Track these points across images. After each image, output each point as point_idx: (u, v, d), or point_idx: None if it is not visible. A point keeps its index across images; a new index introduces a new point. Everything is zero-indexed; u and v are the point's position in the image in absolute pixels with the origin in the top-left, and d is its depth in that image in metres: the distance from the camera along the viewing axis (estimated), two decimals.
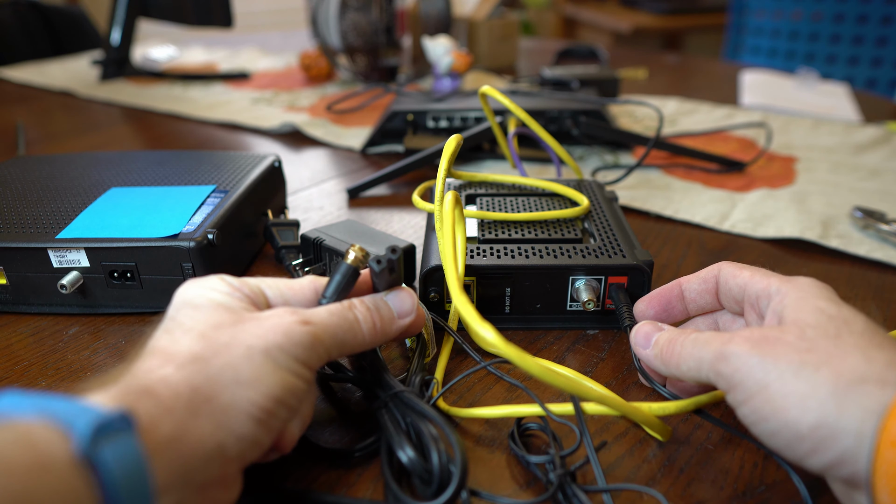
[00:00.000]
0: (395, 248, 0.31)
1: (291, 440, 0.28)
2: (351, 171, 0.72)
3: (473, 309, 0.28)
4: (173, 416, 0.23)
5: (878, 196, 0.63)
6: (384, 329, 0.31)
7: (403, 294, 0.33)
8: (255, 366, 0.26)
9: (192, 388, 0.24)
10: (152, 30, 1.32)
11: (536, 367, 0.26)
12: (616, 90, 0.93)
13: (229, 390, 0.24)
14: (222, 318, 0.27)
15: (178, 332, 0.27)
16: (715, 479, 0.30)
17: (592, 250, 0.41)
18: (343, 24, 1.04)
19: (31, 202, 0.47)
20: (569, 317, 0.42)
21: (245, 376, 0.25)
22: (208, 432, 0.23)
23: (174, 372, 0.24)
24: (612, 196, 0.51)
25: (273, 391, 0.26)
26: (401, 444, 0.28)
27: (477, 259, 0.40)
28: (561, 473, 0.28)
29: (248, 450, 0.25)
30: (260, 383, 0.25)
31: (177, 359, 0.25)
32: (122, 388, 0.23)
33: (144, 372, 0.24)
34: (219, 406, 0.24)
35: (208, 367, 0.25)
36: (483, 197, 0.49)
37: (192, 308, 0.28)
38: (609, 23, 2.38)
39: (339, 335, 0.29)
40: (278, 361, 0.26)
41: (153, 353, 0.25)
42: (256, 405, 0.25)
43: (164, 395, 0.23)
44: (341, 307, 0.30)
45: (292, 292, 0.31)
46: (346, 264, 0.31)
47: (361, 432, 0.33)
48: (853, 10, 1.59)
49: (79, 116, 0.97)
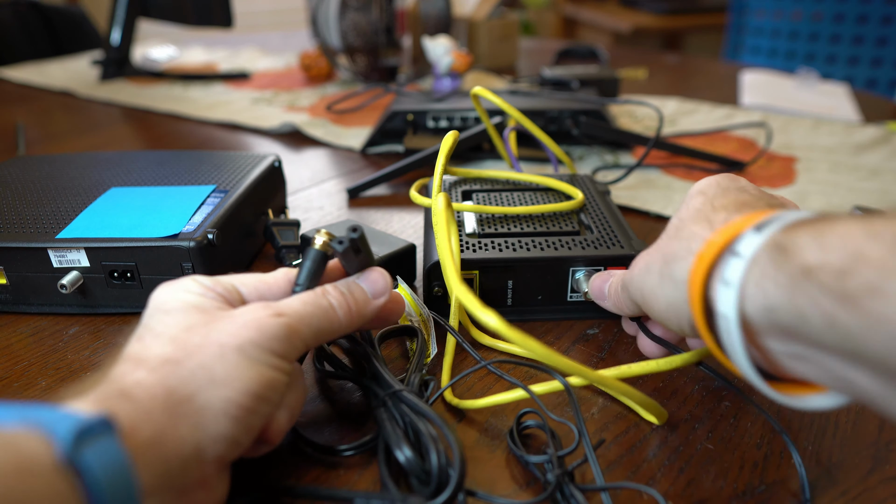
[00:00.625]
0: (356, 228, 0.30)
1: (279, 431, 0.28)
2: (351, 171, 0.72)
3: (475, 297, 0.28)
4: (151, 418, 0.23)
5: (878, 196, 0.63)
6: (360, 311, 0.31)
7: (375, 274, 0.32)
8: (229, 364, 0.25)
9: (167, 390, 0.24)
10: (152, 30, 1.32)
11: (539, 348, 0.26)
12: (616, 90, 0.93)
13: (204, 391, 0.24)
14: (194, 319, 0.27)
15: (149, 338, 0.26)
16: (715, 478, 0.30)
17: (591, 242, 0.42)
18: (343, 24, 1.04)
19: (31, 202, 0.47)
20: (569, 307, 0.43)
21: (219, 375, 0.25)
22: (186, 434, 0.23)
23: (147, 375, 0.24)
24: (604, 190, 0.52)
25: (250, 387, 0.25)
26: (399, 444, 0.28)
27: (479, 253, 0.41)
28: (559, 473, 0.28)
29: (227, 450, 0.25)
30: (235, 380, 0.25)
31: (149, 362, 0.25)
32: (99, 394, 0.23)
33: (119, 376, 0.24)
34: (195, 407, 0.24)
35: (181, 368, 0.25)
36: (479, 192, 0.50)
37: (163, 313, 0.27)
38: (609, 23, 2.38)
39: (314, 323, 0.29)
40: (253, 357, 0.26)
41: (125, 360, 0.25)
42: (233, 403, 0.25)
43: (141, 398, 0.23)
44: (314, 295, 0.30)
45: (266, 286, 0.31)
46: (315, 249, 0.31)
47: (360, 431, 0.33)
48: (853, 10, 1.59)
49: (79, 116, 0.97)
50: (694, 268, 0.26)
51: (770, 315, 0.23)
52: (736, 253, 0.24)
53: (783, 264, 0.22)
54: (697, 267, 0.26)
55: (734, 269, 0.24)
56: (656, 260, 0.30)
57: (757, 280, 0.23)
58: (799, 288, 0.21)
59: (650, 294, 0.31)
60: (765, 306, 0.23)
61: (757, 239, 0.23)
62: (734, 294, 0.24)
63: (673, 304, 0.29)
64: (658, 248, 0.31)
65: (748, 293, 0.23)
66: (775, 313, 0.22)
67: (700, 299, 0.26)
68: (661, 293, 0.29)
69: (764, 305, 0.23)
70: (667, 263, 0.29)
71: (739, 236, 0.25)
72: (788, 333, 0.23)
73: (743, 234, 0.24)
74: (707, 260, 0.25)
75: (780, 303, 0.22)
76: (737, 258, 0.24)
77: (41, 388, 0.36)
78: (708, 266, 0.25)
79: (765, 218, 0.24)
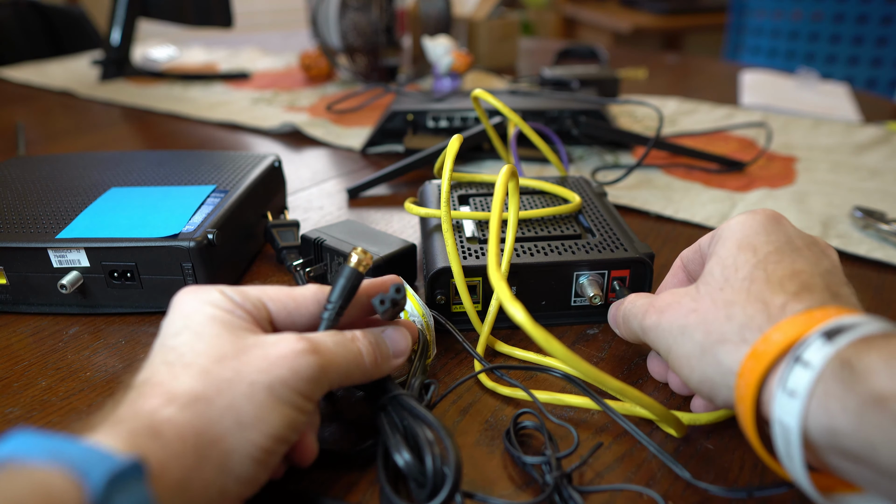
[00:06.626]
0: (400, 288, 0.30)
1: (312, 453, 0.29)
2: (351, 171, 0.72)
3: (507, 287, 0.28)
4: (180, 460, 0.22)
5: (878, 196, 0.63)
6: (380, 366, 0.30)
7: (401, 334, 0.32)
8: (258, 405, 0.25)
9: (196, 432, 0.23)
10: (152, 30, 1.32)
11: (561, 351, 0.26)
12: (616, 90, 0.93)
13: (232, 434, 0.24)
14: (225, 347, 0.26)
15: (179, 367, 0.25)
16: (715, 479, 0.30)
17: (594, 245, 0.42)
18: (343, 24, 1.04)
19: (31, 202, 0.47)
20: (573, 312, 0.42)
21: (247, 417, 0.25)
22: (212, 477, 0.23)
23: (177, 413, 0.23)
24: (601, 191, 0.52)
25: (275, 430, 0.25)
26: (397, 448, 0.28)
27: (482, 259, 0.40)
28: (557, 475, 0.28)
29: (247, 490, 0.25)
30: (262, 423, 0.25)
31: (179, 399, 0.24)
32: (129, 429, 0.22)
33: (149, 411, 0.23)
34: (222, 450, 0.24)
35: (211, 408, 0.24)
36: (475, 197, 0.50)
37: (193, 335, 0.27)
38: (609, 23, 2.38)
39: (343, 367, 0.28)
40: (282, 398, 0.25)
41: (153, 389, 0.24)
42: (258, 447, 0.25)
43: (171, 439, 0.23)
44: (345, 338, 0.29)
45: (295, 305, 0.30)
46: (350, 268, 0.30)
47: (361, 435, 0.33)
48: (853, 10, 1.59)
49: (79, 116, 0.97)
50: (749, 365, 0.25)
51: (833, 438, 0.22)
52: (802, 361, 0.23)
53: (853, 386, 0.21)
54: (755, 366, 0.24)
55: (800, 378, 0.22)
56: (696, 328, 0.28)
57: (821, 397, 0.22)
58: (869, 416, 0.20)
59: (683, 359, 0.28)
60: (828, 428, 0.22)
61: (826, 350, 0.22)
62: (799, 406, 0.22)
63: (709, 381, 0.27)
64: (699, 311, 0.28)
65: (811, 408, 0.22)
66: (840, 437, 0.21)
67: (753, 400, 0.24)
68: (699, 367, 0.27)
69: (828, 427, 0.22)
70: (712, 342, 0.27)
71: (805, 341, 0.23)
72: (853, 457, 0.21)
73: (809, 340, 0.23)
74: (766, 360, 0.24)
75: (847, 429, 0.21)
76: (803, 368, 0.22)
77: (41, 388, 0.36)
78: (767, 367, 0.24)
79: (833, 322, 0.23)
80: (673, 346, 0.29)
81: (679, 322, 0.29)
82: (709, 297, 0.28)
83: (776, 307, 0.26)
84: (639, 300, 0.34)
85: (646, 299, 0.33)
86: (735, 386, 0.25)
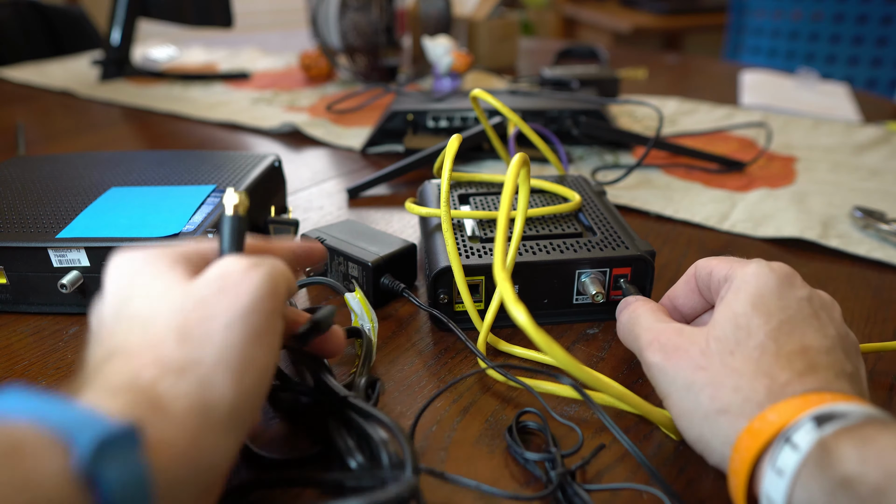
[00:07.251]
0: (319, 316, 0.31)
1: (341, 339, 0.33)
2: (351, 171, 0.72)
3: (511, 288, 0.28)
4: (187, 430, 0.22)
5: (878, 196, 0.63)
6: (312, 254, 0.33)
7: None
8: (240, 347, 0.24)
9: (199, 398, 0.23)
10: (152, 30, 1.32)
11: (563, 357, 0.26)
12: (616, 90, 0.93)
13: (226, 386, 0.23)
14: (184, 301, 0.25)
15: (152, 331, 0.24)
16: (715, 478, 0.30)
17: (596, 243, 0.42)
18: (343, 24, 1.04)
19: (31, 202, 0.47)
20: (576, 310, 0.42)
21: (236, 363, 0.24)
22: (218, 441, 0.23)
23: (176, 381, 0.23)
24: (600, 190, 0.52)
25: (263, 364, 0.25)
26: (350, 452, 0.27)
27: (485, 258, 0.40)
28: (561, 472, 0.28)
29: (246, 433, 0.25)
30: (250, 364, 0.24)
31: (170, 365, 0.23)
32: (128, 400, 0.21)
33: (149, 383, 0.22)
34: (223, 410, 0.23)
35: (202, 368, 0.23)
36: (476, 196, 0.50)
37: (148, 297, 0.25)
38: (609, 23, 2.38)
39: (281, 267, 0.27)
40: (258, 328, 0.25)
41: (139, 358, 0.23)
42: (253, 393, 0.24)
43: (175, 410, 0.22)
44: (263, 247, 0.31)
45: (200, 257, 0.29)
46: (228, 217, 0.29)
47: (311, 440, 0.32)
48: (853, 10, 1.59)
49: (79, 116, 0.97)
50: (746, 443, 0.26)
51: None
52: (792, 443, 0.24)
53: (826, 468, 0.23)
54: (751, 444, 0.26)
55: (788, 459, 0.24)
56: (703, 390, 0.28)
57: (804, 477, 0.23)
58: (839, 497, 0.22)
59: (684, 412, 0.29)
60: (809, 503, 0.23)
61: (813, 434, 0.24)
62: (785, 485, 0.24)
63: (705, 442, 0.28)
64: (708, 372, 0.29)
65: (796, 486, 0.24)
66: None
67: (746, 475, 0.26)
68: (698, 427, 0.28)
69: (808, 502, 0.23)
70: (715, 409, 0.28)
71: (797, 423, 0.25)
72: None
73: (800, 423, 0.25)
74: (761, 440, 0.25)
75: None
76: (792, 450, 0.24)
77: (41, 388, 0.36)
78: (761, 448, 0.25)
79: (825, 408, 0.25)
80: (675, 396, 0.30)
81: (686, 376, 0.29)
82: (719, 358, 0.29)
83: (779, 384, 0.27)
84: (644, 318, 0.34)
85: (651, 319, 0.34)
86: (730, 459, 0.27)
